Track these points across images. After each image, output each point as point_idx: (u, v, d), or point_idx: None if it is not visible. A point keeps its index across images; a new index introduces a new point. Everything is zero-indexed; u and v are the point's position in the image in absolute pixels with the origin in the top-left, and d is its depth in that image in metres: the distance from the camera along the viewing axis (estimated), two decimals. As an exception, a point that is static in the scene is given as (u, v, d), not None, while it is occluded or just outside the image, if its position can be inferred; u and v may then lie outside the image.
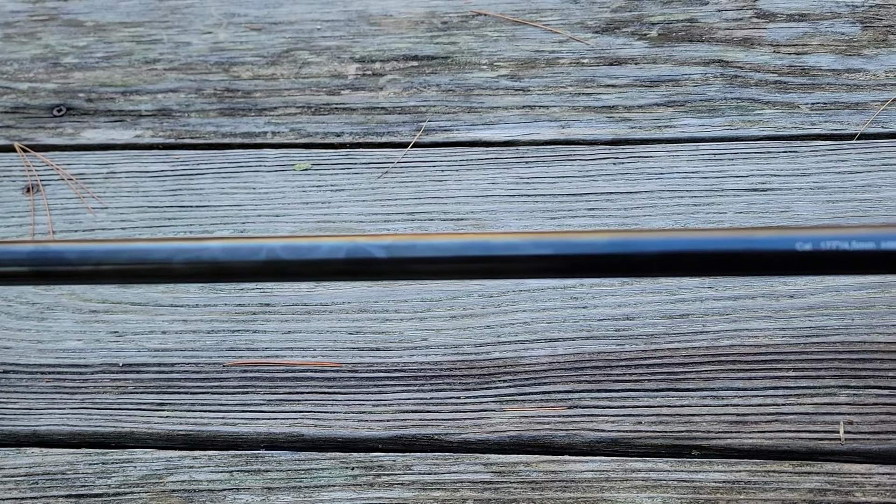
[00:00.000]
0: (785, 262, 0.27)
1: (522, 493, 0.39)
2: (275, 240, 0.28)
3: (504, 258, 0.27)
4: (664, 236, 0.27)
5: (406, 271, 0.28)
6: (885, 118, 0.50)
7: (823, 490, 0.37)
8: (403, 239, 0.28)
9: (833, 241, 0.26)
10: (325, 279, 0.28)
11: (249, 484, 0.40)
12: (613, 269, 0.27)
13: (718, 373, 0.41)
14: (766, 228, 0.27)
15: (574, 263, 0.27)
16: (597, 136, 0.52)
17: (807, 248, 0.26)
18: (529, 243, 0.27)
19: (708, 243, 0.27)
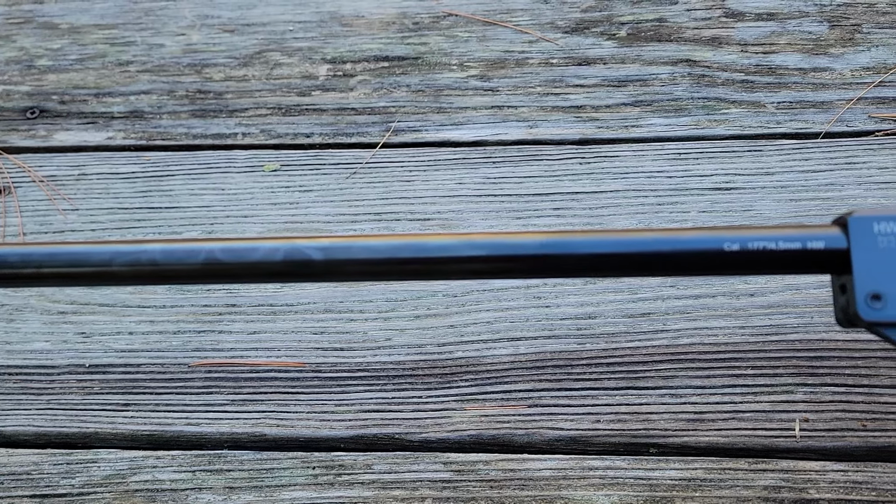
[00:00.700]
0: (713, 262, 0.27)
1: (481, 492, 0.39)
2: (214, 242, 0.28)
3: (438, 260, 0.28)
4: (595, 238, 0.27)
5: (342, 273, 0.28)
6: (849, 117, 0.50)
7: (778, 487, 0.38)
8: (340, 241, 0.28)
9: (760, 241, 0.27)
10: (263, 281, 0.28)
11: (211, 483, 0.40)
12: (545, 270, 0.27)
13: (677, 371, 0.42)
14: (695, 229, 0.27)
15: (507, 265, 0.27)
16: (564, 136, 0.52)
17: (734, 248, 0.27)
18: (463, 245, 0.27)
19: (637, 244, 0.27)
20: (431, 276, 0.28)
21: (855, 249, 0.26)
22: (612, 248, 0.27)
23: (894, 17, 0.54)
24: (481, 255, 0.27)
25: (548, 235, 0.27)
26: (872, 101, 0.50)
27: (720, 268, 0.27)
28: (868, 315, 0.26)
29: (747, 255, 0.26)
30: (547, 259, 0.27)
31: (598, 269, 0.27)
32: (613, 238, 0.27)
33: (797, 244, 0.26)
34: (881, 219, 0.26)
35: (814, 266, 0.27)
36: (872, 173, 0.47)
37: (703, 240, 0.27)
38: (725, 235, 0.27)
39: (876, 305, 0.26)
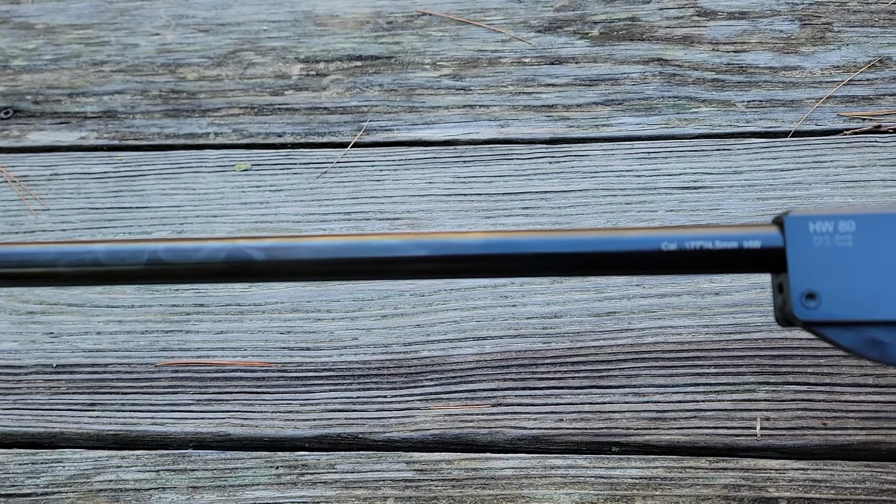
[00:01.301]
0: (652, 261, 0.27)
1: (443, 491, 0.39)
2: (158, 242, 0.28)
3: (382, 259, 0.28)
4: (536, 237, 0.27)
5: (284, 272, 0.28)
6: (818, 115, 0.50)
7: (738, 486, 0.38)
8: (282, 241, 0.28)
9: (697, 240, 0.27)
10: (206, 281, 0.29)
11: (175, 483, 0.40)
12: (489, 269, 0.28)
13: (641, 370, 0.42)
14: (634, 229, 0.27)
15: (451, 264, 0.27)
16: (535, 136, 0.52)
17: (672, 247, 0.27)
18: (408, 244, 0.27)
19: (578, 244, 0.27)
20: (374, 277, 0.28)
21: (790, 248, 0.26)
22: (552, 249, 0.27)
23: (865, 15, 0.54)
24: (424, 255, 0.27)
25: (490, 235, 0.27)
26: (842, 99, 0.51)
27: (659, 268, 0.27)
28: (802, 314, 0.26)
29: (685, 255, 0.27)
30: (489, 259, 0.27)
31: (538, 269, 0.27)
32: (554, 238, 0.27)
33: (734, 243, 0.27)
34: (817, 218, 0.26)
35: (751, 265, 0.27)
36: (840, 172, 0.47)
37: (642, 240, 0.27)
38: (663, 235, 0.27)
39: (810, 304, 0.26)
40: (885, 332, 0.26)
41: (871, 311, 0.26)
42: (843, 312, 0.26)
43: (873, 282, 0.26)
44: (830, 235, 0.26)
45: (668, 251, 0.27)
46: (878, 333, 0.26)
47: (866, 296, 0.26)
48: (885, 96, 0.50)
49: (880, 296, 0.26)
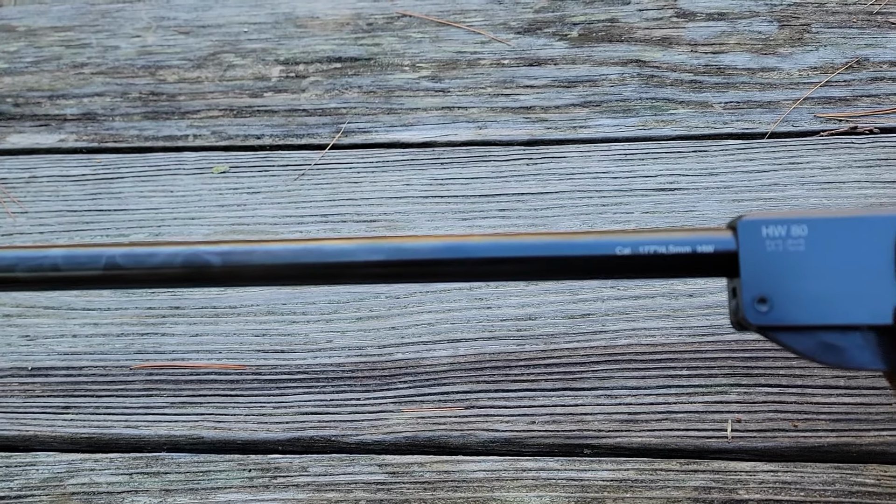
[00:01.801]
0: (606, 266, 0.27)
1: (415, 494, 0.39)
2: (115, 247, 0.28)
3: (337, 265, 0.28)
4: (491, 242, 0.27)
5: (241, 277, 0.28)
6: (795, 117, 0.50)
7: (708, 488, 0.38)
8: (239, 246, 0.28)
9: (651, 245, 0.27)
10: (163, 286, 0.29)
11: (148, 486, 0.40)
12: (443, 274, 0.28)
13: (614, 372, 0.42)
14: (589, 233, 0.27)
15: (405, 269, 0.27)
16: (513, 137, 0.52)
17: (626, 252, 0.27)
18: (363, 249, 0.27)
19: (532, 248, 0.27)
20: (330, 281, 0.28)
21: (743, 253, 0.26)
22: (506, 253, 0.27)
23: (843, 16, 0.54)
24: (379, 260, 0.27)
25: (445, 240, 0.27)
26: (819, 100, 0.51)
27: (613, 272, 0.27)
28: (754, 318, 0.26)
29: (639, 260, 0.27)
30: (443, 264, 0.27)
31: (493, 273, 0.27)
32: (508, 243, 0.27)
33: (687, 248, 0.27)
34: (770, 222, 0.26)
35: (705, 270, 0.27)
36: (815, 173, 0.47)
37: (596, 244, 0.27)
38: (618, 239, 0.27)
39: (762, 309, 0.26)
40: (838, 337, 0.26)
41: (823, 316, 0.26)
42: (796, 317, 0.26)
43: (826, 286, 0.26)
44: (783, 240, 0.26)
45: (622, 255, 0.27)
46: (832, 338, 0.26)
47: (819, 300, 0.26)
48: (861, 97, 0.50)
49: (833, 300, 0.26)
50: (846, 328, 0.26)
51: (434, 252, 0.27)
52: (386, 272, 0.27)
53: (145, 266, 0.27)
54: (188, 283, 0.28)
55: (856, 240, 0.26)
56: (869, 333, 0.26)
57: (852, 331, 0.26)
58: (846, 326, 0.26)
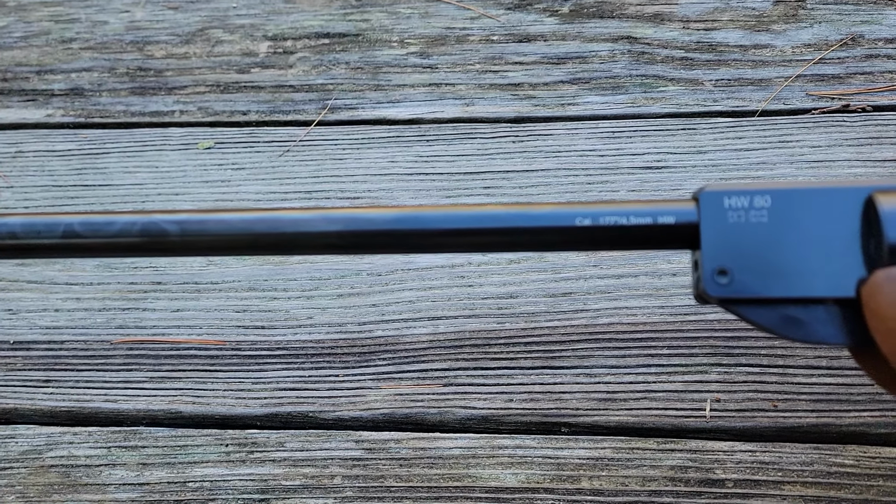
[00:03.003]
0: (566, 237, 0.27)
1: (390, 470, 0.39)
2: (73, 215, 0.28)
3: (293, 234, 0.27)
4: (449, 212, 0.27)
5: (198, 246, 0.28)
6: (787, 94, 0.49)
7: (685, 467, 0.38)
8: (196, 215, 0.28)
9: (612, 216, 0.26)
10: (122, 255, 0.28)
11: (125, 459, 0.40)
12: (400, 245, 0.27)
13: (594, 350, 0.41)
14: (549, 204, 0.27)
15: (361, 239, 0.27)
16: (500, 114, 0.51)
17: (586, 223, 0.26)
18: (318, 219, 0.27)
19: (491, 219, 0.27)
20: (286, 251, 0.28)
21: (704, 224, 0.26)
22: (465, 224, 0.27)
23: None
24: (335, 231, 0.27)
25: (403, 210, 0.27)
26: (811, 78, 0.50)
27: (574, 243, 0.26)
28: (713, 291, 0.26)
29: (600, 231, 0.26)
30: (400, 234, 0.27)
31: (451, 245, 0.27)
32: (467, 213, 0.27)
33: (648, 219, 0.26)
34: (732, 193, 0.26)
35: (666, 241, 0.26)
36: (805, 152, 0.47)
37: (556, 215, 0.26)
38: (578, 210, 0.26)
39: (721, 281, 0.26)
40: (801, 310, 0.25)
41: (785, 288, 0.25)
42: (756, 289, 0.25)
43: (788, 258, 0.25)
44: (745, 211, 0.26)
45: (582, 227, 0.26)
46: (794, 311, 0.25)
47: (781, 272, 0.25)
48: (855, 75, 0.49)
49: (795, 273, 0.25)
50: (808, 301, 0.25)
51: (390, 223, 0.27)
52: (342, 242, 0.27)
53: (103, 234, 0.27)
54: (146, 252, 0.28)
55: (820, 212, 0.25)
56: (832, 307, 0.25)
57: (815, 304, 0.25)
58: (808, 300, 0.25)
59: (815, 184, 0.26)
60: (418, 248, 0.27)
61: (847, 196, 0.25)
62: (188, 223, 0.27)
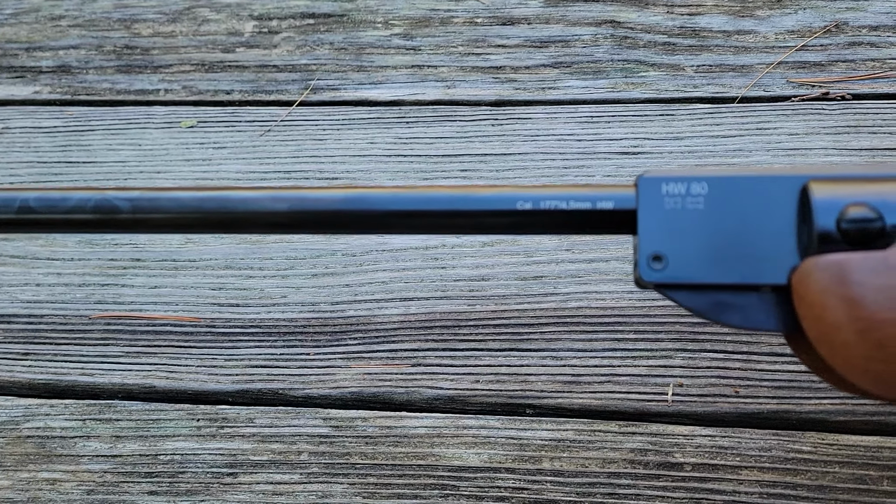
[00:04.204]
0: (507, 220, 0.27)
1: (356, 447, 0.40)
2: (29, 191, 0.29)
3: (242, 212, 0.28)
4: (394, 194, 0.27)
5: (149, 224, 0.28)
6: (767, 81, 0.49)
7: (645, 450, 0.38)
8: (148, 192, 0.28)
9: (552, 200, 0.26)
10: (76, 230, 0.29)
11: (100, 432, 0.41)
12: (346, 224, 0.28)
13: (561, 333, 0.42)
14: (491, 187, 0.27)
15: (308, 218, 0.28)
16: (481, 97, 0.51)
17: (527, 207, 0.27)
18: (267, 198, 0.28)
19: (434, 201, 0.27)
20: (236, 229, 0.28)
21: (642, 210, 0.26)
22: (408, 206, 0.27)
23: (825, -22, 0.53)
24: (283, 210, 0.27)
25: (349, 191, 0.27)
26: (793, 65, 0.49)
27: (515, 227, 0.27)
28: (648, 276, 0.26)
29: (540, 215, 0.26)
30: (346, 214, 0.27)
31: (396, 225, 0.27)
32: (411, 195, 0.27)
33: (587, 204, 0.26)
34: (670, 179, 0.26)
35: (606, 226, 0.27)
36: (782, 139, 0.47)
37: (498, 198, 0.27)
38: (519, 194, 0.27)
39: (656, 266, 0.26)
40: (734, 296, 0.25)
41: (718, 275, 0.25)
42: (690, 275, 0.26)
43: (723, 245, 0.25)
44: (682, 197, 0.26)
45: (523, 210, 0.26)
46: (727, 297, 0.25)
47: (715, 259, 0.25)
48: (837, 62, 0.49)
49: (730, 259, 0.25)
50: (742, 288, 0.25)
51: (337, 203, 0.27)
52: (290, 221, 0.27)
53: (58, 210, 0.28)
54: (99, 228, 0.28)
55: (757, 199, 0.25)
56: (765, 294, 0.25)
57: (748, 291, 0.25)
58: (742, 286, 0.25)
59: (753, 171, 0.26)
60: (364, 229, 0.28)
61: (784, 184, 0.25)
62: (140, 200, 0.28)
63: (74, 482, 0.40)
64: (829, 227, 0.24)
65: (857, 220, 0.24)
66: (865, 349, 0.23)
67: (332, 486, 0.39)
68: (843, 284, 0.23)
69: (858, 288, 0.23)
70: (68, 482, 0.40)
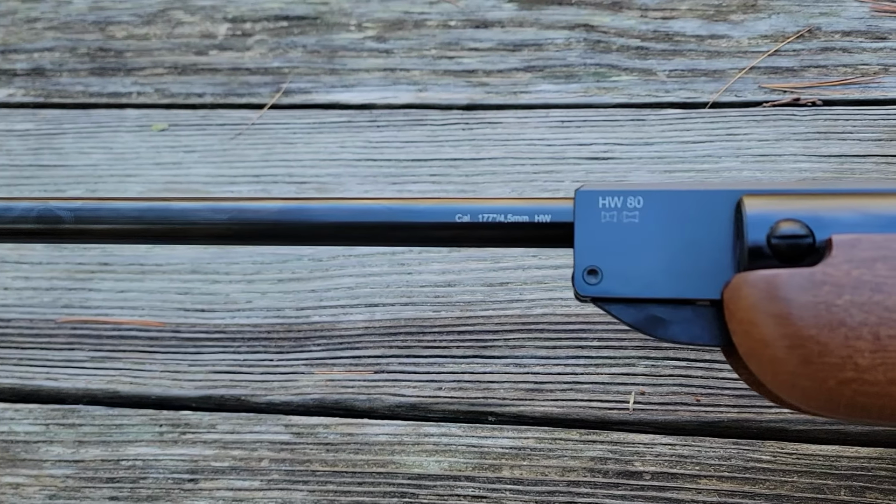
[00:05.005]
0: (446, 233, 0.27)
1: (317, 455, 0.40)
2: (-26, 201, 0.29)
3: (181, 222, 0.28)
4: (332, 206, 0.27)
5: (91, 234, 0.28)
6: (739, 87, 0.49)
7: (605, 458, 0.38)
8: (90, 202, 0.28)
9: (490, 213, 0.26)
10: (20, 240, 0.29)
11: (63, 437, 0.41)
12: (285, 236, 0.28)
13: (525, 341, 0.42)
14: (431, 199, 0.27)
15: (247, 229, 0.28)
16: (453, 101, 0.51)
17: (465, 219, 0.26)
18: (206, 209, 0.28)
19: (373, 214, 0.27)
20: (177, 240, 0.28)
21: (578, 223, 0.26)
22: (347, 218, 0.27)
23: (800, -18, 0.52)
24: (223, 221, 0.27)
25: (289, 202, 0.27)
26: (765, 70, 0.49)
27: (454, 239, 0.27)
28: (583, 290, 0.26)
29: (479, 228, 0.26)
30: (285, 226, 0.27)
31: (335, 237, 0.27)
32: (350, 207, 0.27)
33: (525, 217, 0.26)
34: (606, 193, 0.26)
35: (544, 240, 0.27)
36: (752, 145, 0.46)
37: (437, 210, 0.27)
38: (458, 206, 0.27)
39: (591, 280, 0.26)
40: (668, 311, 0.25)
41: (653, 289, 0.25)
42: (624, 289, 0.25)
43: (658, 259, 0.25)
44: (618, 212, 0.26)
45: (461, 223, 0.26)
46: (660, 311, 0.25)
47: (648, 273, 0.25)
48: (809, 68, 0.49)
49: (662, 274, 0.25)
50: (676, 302, 0.25)
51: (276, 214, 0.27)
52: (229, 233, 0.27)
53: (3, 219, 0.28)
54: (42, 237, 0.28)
55: (693, 214, 0.25)
56: (701, 308, 0.25)
57: (683, 305, 0.25)
58: (676, 300, 0.25)
59: (690, 185, 0.26)
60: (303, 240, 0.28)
61: (720, 198, 0.25)
62: (82, 211, 0.28)
63: (37, 486, 0.40)
64: (759, 242, 0.24)
65: (786, 235, 0.23)
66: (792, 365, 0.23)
67: (293, 493, 0.38)
68: (771, 301, 0.23)
69: (785, 304, 0.23)
70: (31, 486, 0.40)
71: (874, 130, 0.46)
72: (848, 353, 0.22)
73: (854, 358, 0.22)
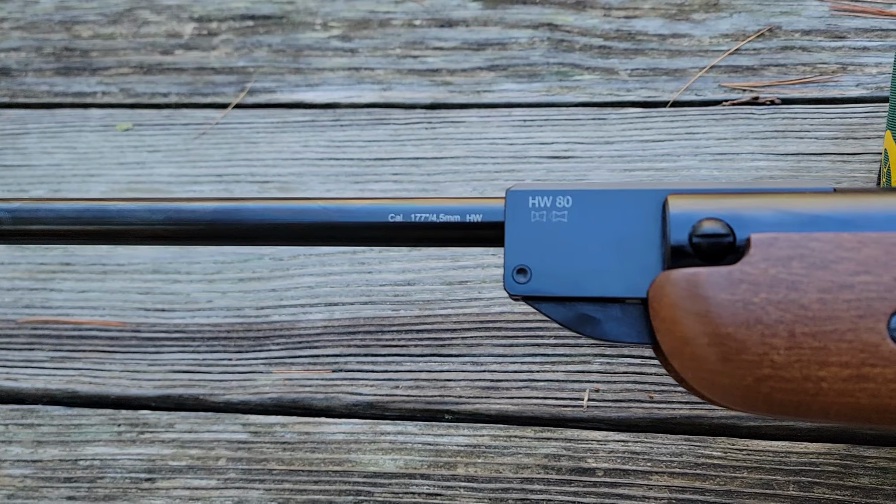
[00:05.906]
0: (379, 233, 0.27)
1: (274, 453, 0.40)
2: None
3: (118, 223, 0.28)
4: (266, 206, 0.28)
5: (30, 235, 0.28)
6: (699, 85, 0.49)
7: (558, 455, 0.38)
8: (29, 203, 0.28)
9: (423, 212, 0.27)
10: None
11: (21, 437, 0.41)
12: (220, 236, 0.28)
13: (483, 339, 0.42)
14: (365, 199, 0.27)
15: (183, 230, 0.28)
16: (416, 100, 0.51)
17: (398, 219, 0.27)
18: (143, 209, 0.28)
19: (307, 214, 0.27)
20: (115, 241, 0.28)
21: (508, 223, 0.26)
22: (280, 218, 0.27)
23: (761, -19, 0.53)
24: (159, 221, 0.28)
25: (222, 202, 0.28)
26: (725, 69, 0.50)
27: (388, 239, 0.27)
28: (513, 288, 0.26)
29: (411, 227, 0.27)
30: (220, 226, 0.27)
31: (270, 237, 0.28)
32: (283, 207, 0.27)
33: (457, 217, 0.26)
34: (536, 193, 0.26)
35: (475, 239, 0.27)
36: (710, 144, 0.47)
37: (370, 210, 0.27)
38: (391, 206, 0.27)
39: (520, 279, 0.26)
40: (595, 309, 0.26)
41: (580, 288, 0.26)
42: (553, 288, 0.26)
43: (584, 258, 0.26)
44: (548, 211, 0.26)
45: (394, 223, 0.27)
46: (589, 309, 0.26)
47: (577, 272, 0.26)
48: (769, 67, 0.49)
49: (590, 272, 0.26)
50: (604, 300, 0.26)
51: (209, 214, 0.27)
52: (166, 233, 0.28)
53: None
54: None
55: (621, 213, 0.26)
56: (629, 307, 0.26)
57: (610, 303, 0.26)
58: (604, 298, 0.26)
59: (618, 185, 0.26)
60: (239, 240, 0.28)
61: (647, 198, 0.25)
62: (20, 211, 0.28)
63: (-5, 488, 0.40)
64: (682, 241, 0.24)
65: (708, 234, 0.24)
66: (712, 363, 0.23)
67: (249, 492, 0.39)
68: (692, 299, 0.23)
69: (705, 302, 0.23)
70: (-11, 488, 0.40)
71: (831, 129, 0.46)
72: (764, 351, 0.23)
73: (770, 355, 0.23)
